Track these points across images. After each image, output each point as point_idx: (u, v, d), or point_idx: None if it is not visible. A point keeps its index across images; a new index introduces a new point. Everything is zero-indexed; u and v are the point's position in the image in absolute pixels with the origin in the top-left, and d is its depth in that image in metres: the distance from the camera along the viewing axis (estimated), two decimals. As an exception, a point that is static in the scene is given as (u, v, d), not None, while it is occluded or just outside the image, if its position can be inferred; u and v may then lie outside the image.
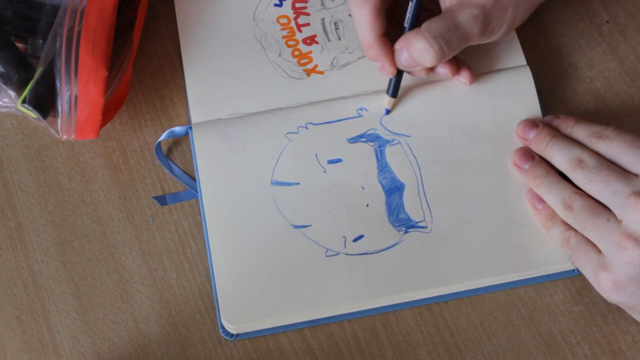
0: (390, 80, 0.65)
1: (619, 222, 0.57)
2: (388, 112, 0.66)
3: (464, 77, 0.66)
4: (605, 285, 0.57)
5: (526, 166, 0.63)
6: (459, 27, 0.61)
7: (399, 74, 0.65)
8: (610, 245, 0.57)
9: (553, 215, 0.61)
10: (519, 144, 0.65)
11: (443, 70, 0.65)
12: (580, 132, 0.61)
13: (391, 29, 0.64)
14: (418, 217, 0.63)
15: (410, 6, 0.63)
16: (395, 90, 0.65)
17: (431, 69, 0.65)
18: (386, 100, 0.66)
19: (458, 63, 0.66)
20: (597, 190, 0.58)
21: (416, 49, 0.61)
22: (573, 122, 0.62)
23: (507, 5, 0.61)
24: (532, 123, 0.64)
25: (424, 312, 0.62)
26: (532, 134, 0.63)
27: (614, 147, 0.59)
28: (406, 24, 0.63)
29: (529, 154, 0.63)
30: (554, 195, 0.60)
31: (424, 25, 0.61)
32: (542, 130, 0.63)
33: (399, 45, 0.63)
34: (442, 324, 0.62)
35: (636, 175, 0.57)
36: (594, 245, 0.58)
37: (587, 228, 0.58)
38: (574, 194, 0.59)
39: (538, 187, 0.62)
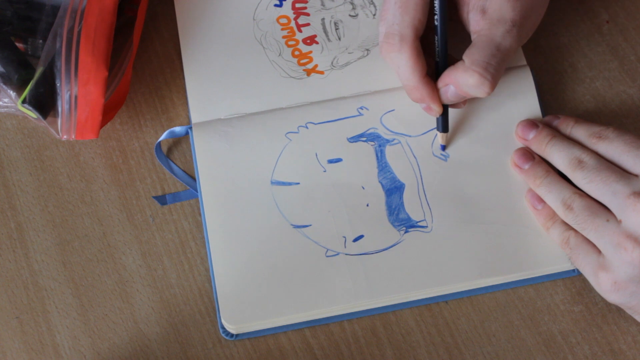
0: (438, 118, 0.64)
1: (618, 222, 0.56)
2: (444, 147, 0.65)
3: None
4: (605, 285, 0.57)
5: (526, 166, 0.63)
6: (500, 48, 0.59)
7: (445, 108, 0.63)
8: (610, 245, 0.56)
9: (553, 215, 0.61)
10: (519, 144, 0.65)
11: None
12: (580, 132, 0.61)
13: None
14: (418, 216, 0.63)
15: (437, 40, 0.62)
16: (445, 125, 0.64)
17: None
18: (440, 137, 0.65)
19: None
20: (597, 190, 0.58)
21: (469, 85, 0.59)
22: (573, 122, 0.62)
23: (530, 11, 0.60)
24: (532, 123, 0.64)
25: (424, 312, 0.62)
26: (531, 134, 0.63)
27: (614, 148, 0.59)
28: (438, 59, 0.62)
29: (529, 154, 0.63)
30: (553, 196, 0.60)
31: (467, 59, 0.59)
32: (542, 130, 0.63)
33: (442, 83, 0.61)
34: (442, 324, 0.62)
35: (636, 175, 0.57)
36: (594, 246, 0.58)
37: (586, 228, 0.58)
38: (573, 194, 0.59)
39: (538, 187, 0.62)
